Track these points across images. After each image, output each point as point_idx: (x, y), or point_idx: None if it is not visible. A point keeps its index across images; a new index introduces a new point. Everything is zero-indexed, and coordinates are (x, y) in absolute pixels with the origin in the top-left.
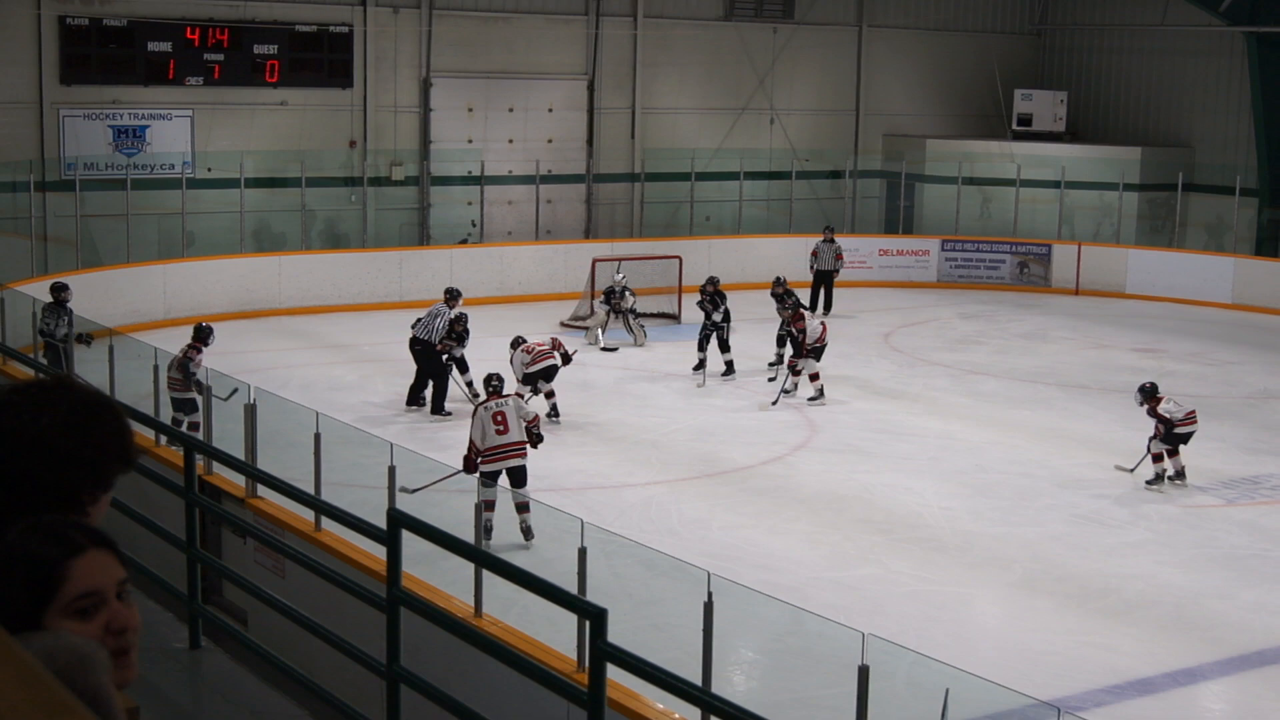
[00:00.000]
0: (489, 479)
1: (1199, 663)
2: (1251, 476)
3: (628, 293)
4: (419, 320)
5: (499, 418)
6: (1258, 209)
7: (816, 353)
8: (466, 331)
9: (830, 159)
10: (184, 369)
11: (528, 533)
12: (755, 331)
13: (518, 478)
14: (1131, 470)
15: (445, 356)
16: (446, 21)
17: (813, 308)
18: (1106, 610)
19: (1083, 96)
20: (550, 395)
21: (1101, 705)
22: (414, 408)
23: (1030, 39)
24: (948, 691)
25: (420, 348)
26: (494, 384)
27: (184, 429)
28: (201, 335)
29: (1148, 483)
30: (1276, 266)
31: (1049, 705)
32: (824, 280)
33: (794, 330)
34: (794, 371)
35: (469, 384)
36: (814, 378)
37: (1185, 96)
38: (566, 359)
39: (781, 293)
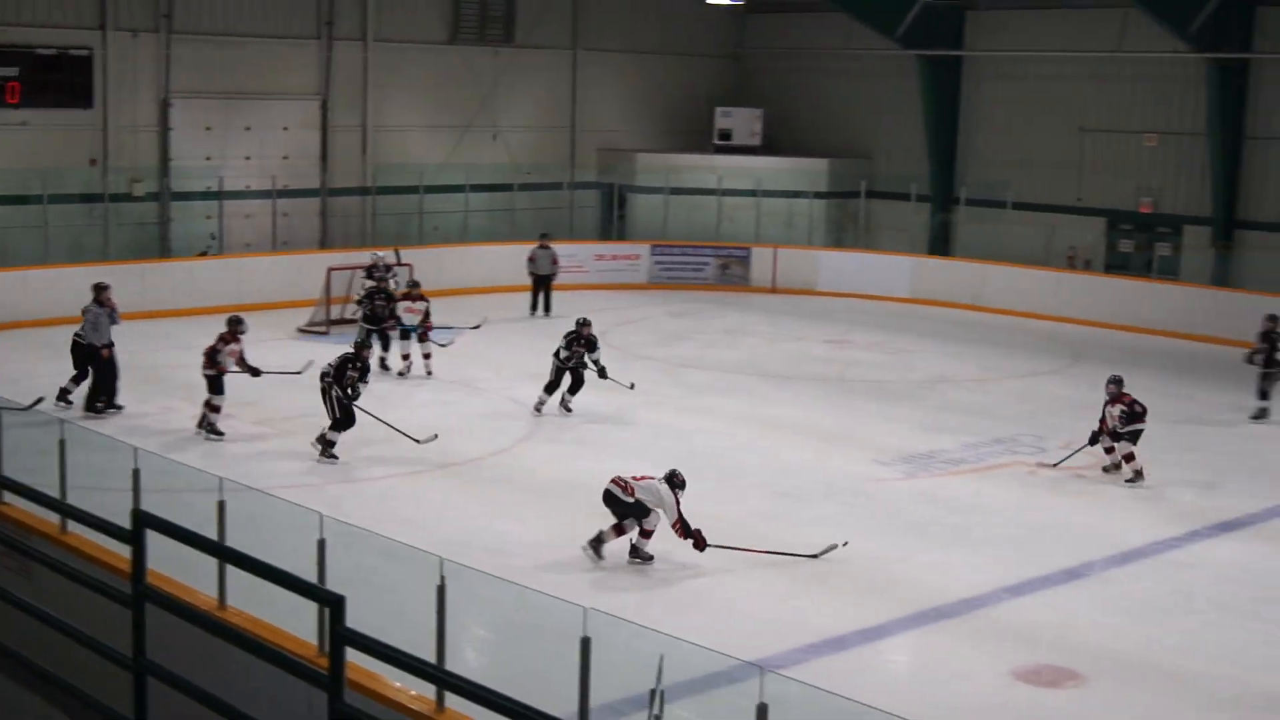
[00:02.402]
0: None
1: (885, 620)
2: (927, 452)
3: (392, 271)
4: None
5: None
6: (931, 213)
7: None
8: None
9: (549, 172)
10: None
11: None
12: (481, 333)
13: None
14: (1055, 465)
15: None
16: (185, 45)
17: (533, 311)
18: (804, 577)
19: (777, 113)
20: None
21: (800, 663)
22: (103, 410)
23: (730, 61)
24: (662, 657)
25: (81, 348)
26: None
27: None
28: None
29: (1128, 481)
30: (947, 264)
31: (753, 665)
32: (542, 284)
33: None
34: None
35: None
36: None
37: (867, 113)
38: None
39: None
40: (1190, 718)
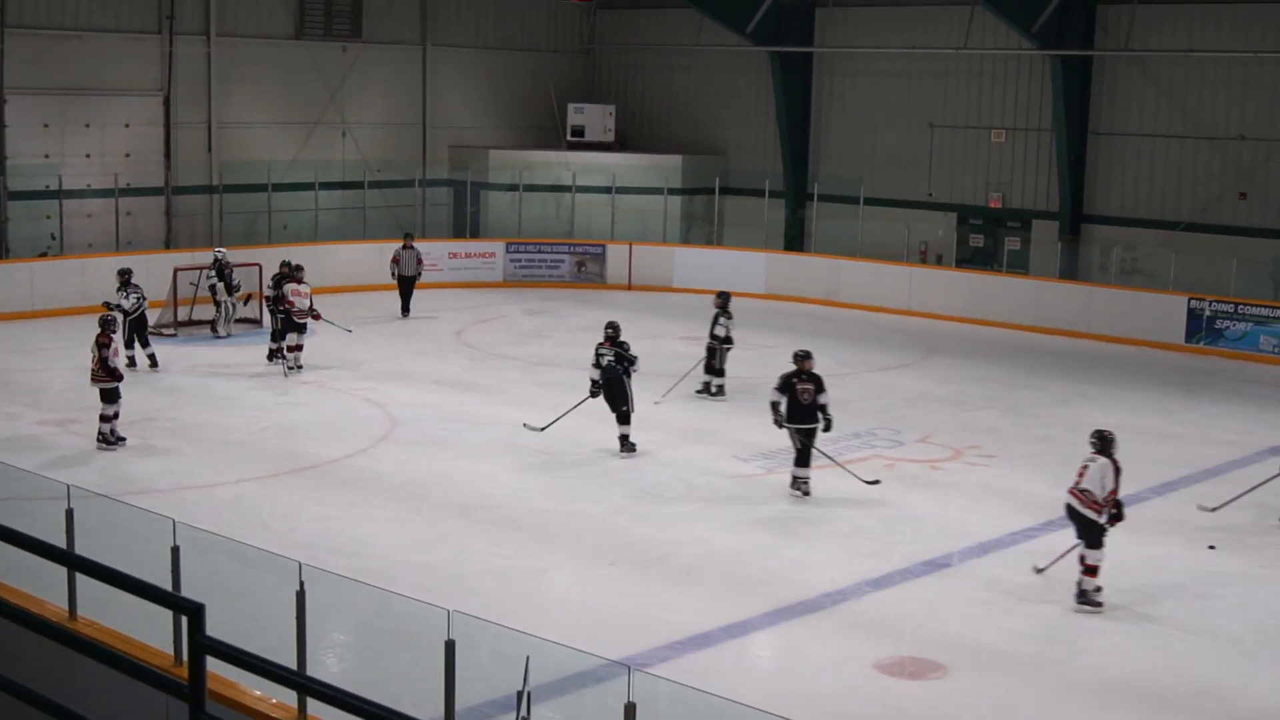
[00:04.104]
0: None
1: (749, 615)
2: (787, 447)
3: (232, 269)
4: None
5: None
6: (785, 209)
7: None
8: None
9: (400, 169)
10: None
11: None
12: (336, 332)
13: None
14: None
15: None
16: (19, 39)
17: (404, 312)
18: (668, 574)
19: (630, 109)
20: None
21: (665, 660)
22: None
23: (581, 57)
24: (528, 659)
25: None
26: None
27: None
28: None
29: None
30: (802, 259)
31: (619, 664)
32: (407, 285)
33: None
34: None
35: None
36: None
37: (720, 109)
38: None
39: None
40: (1050, 705)
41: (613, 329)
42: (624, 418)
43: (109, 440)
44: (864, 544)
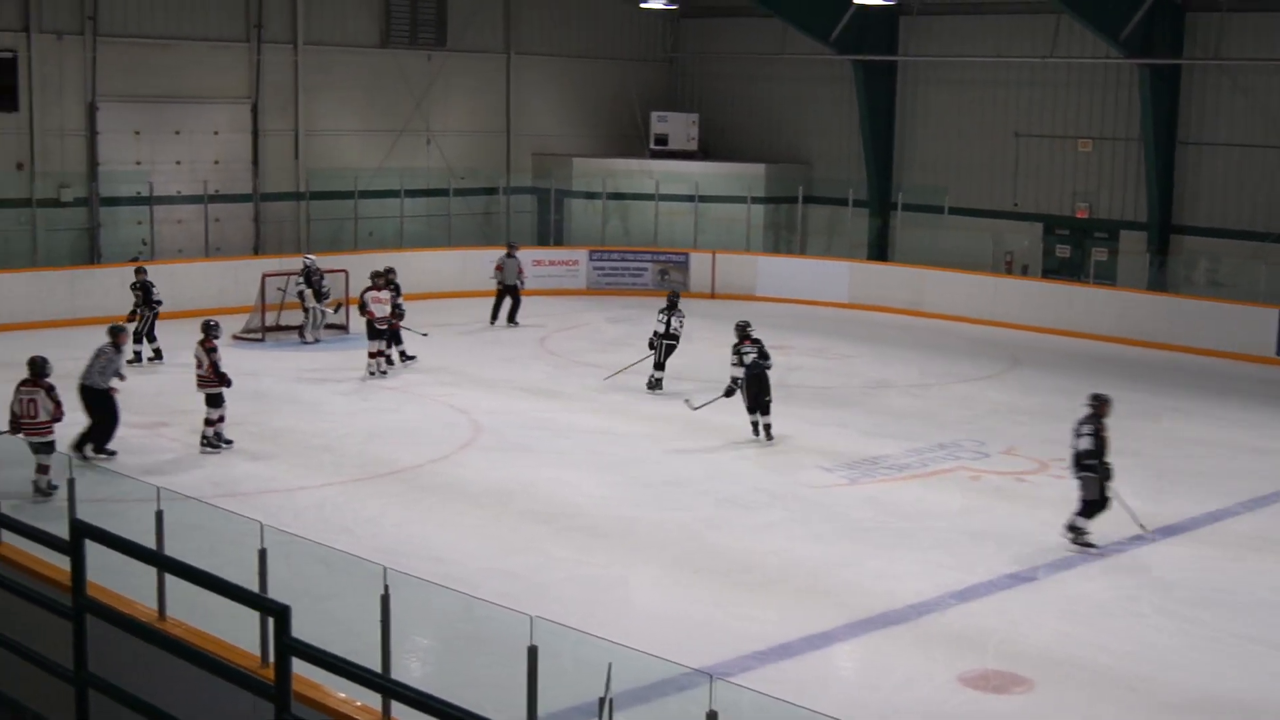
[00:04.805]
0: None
1: (832, 626)
2: (871, 457)
3: (324, 275)
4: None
5: None
6: (869, 218)
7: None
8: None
9: (484, 177)
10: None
11: None
12: (419, 338)
13: None
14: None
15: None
16: (111, 48)
17: (493, 319)
18: (750, 584)
19: (713, 118)
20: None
21: (748, 670)
22: (93, 455)
23: (664, 65)
24: (610, 666)
25: (85, 393)
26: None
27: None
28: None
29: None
30: (886, 269)
31: (702, 673)
32: (508, 293)
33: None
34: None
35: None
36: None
37: (803, 118)
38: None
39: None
40: None
41: (748, 325)
42: (766, 408)
43: (214, 443)
44: (948, 556)
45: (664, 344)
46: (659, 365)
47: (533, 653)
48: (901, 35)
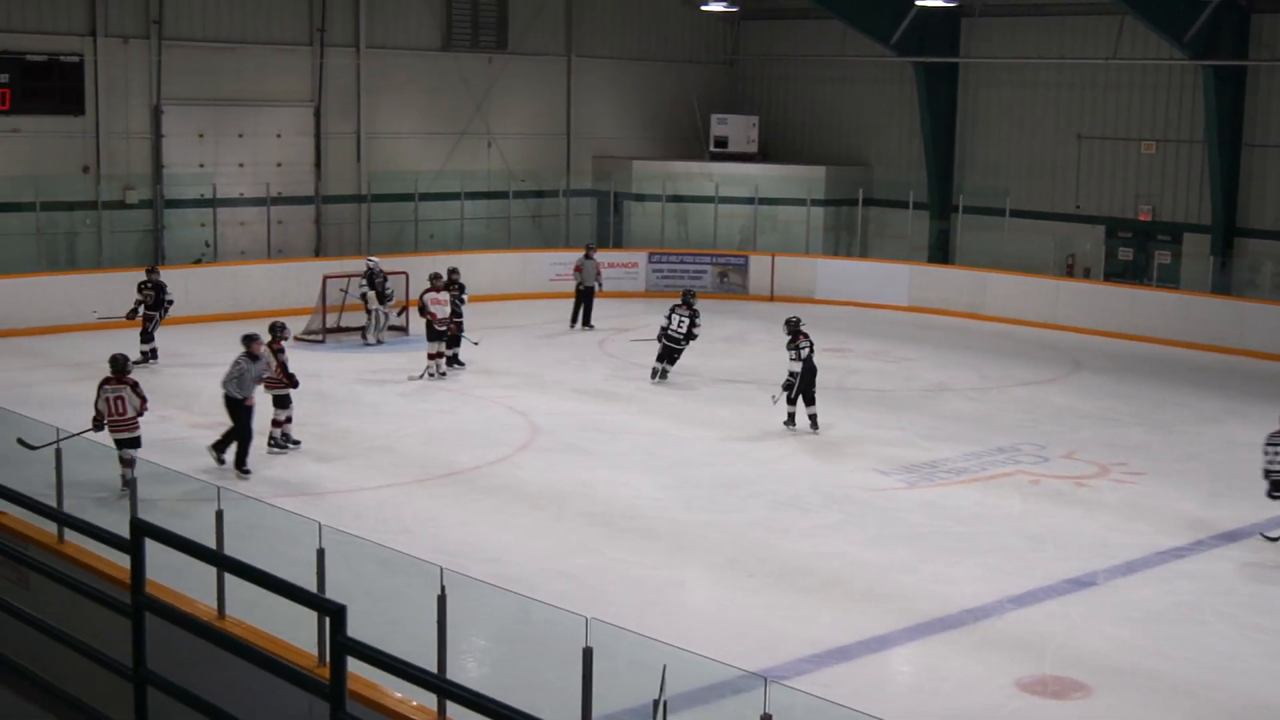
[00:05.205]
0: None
1: (889, 630)
2: (930, 461)
3: (387, 277)
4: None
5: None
6: (929, 221)
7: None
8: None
9: (544, 179)
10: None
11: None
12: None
13: None
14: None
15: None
16: (176, 51)
17: (573, 323)
18: (806, 587)
19: (773, 120)
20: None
21: (804, 673)
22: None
23: (724, 68)
24: (665, 668)
25: (225, 401)
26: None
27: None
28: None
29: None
30: (946, 272)
31: (757, 675)
32: (586, 296)
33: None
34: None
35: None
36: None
37: (863, 120)
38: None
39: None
40: None
41: (799, 320)
42: (813, 399)
43: (281, 444)
44: (1006, 561)
45: (663, 342)
46: (660, 359)
47: (588, 654)
48: (963, 37)
